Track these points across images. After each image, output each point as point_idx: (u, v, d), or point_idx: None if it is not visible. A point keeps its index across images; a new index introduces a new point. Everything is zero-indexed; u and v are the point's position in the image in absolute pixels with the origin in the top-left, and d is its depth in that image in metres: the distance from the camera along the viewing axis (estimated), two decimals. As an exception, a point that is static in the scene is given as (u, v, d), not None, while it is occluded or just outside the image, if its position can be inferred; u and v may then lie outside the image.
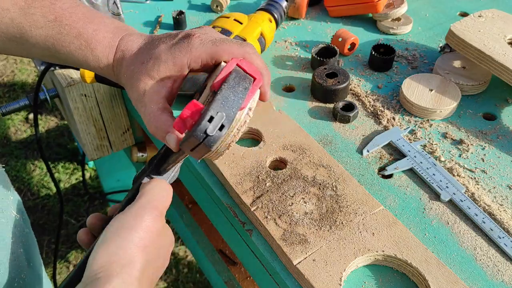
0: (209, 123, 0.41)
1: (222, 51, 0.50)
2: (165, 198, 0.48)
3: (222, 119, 0.42)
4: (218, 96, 0.43)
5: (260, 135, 0.68)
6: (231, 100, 0.43)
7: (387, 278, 0.54)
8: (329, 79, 0.76)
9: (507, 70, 0.72)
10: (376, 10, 0.92)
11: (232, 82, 0.44)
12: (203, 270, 1.17)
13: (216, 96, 0.43)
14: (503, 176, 0.66)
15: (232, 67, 0.46)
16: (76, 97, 0.82)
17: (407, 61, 0.87)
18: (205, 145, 0.42)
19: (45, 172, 1.83)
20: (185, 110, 0.43)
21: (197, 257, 1.18)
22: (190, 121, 0.43)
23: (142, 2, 1.01)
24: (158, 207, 0.46)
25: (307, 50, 0.89)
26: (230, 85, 0.44)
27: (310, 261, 0.53)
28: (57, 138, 1.95)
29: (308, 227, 0.56)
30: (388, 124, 0.73)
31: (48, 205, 1.72)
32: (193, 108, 0.43)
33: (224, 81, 0.44)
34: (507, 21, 0.81)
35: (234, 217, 0.61)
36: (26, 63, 2.33)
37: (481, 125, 0.74)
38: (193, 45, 0.50)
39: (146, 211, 0.45)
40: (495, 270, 0.55)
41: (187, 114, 0.43)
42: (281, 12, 0.88)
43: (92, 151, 0.94)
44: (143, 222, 0.44)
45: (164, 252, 0.47)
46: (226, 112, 0.42)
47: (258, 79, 0.47)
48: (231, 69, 0.46)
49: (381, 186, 0.65)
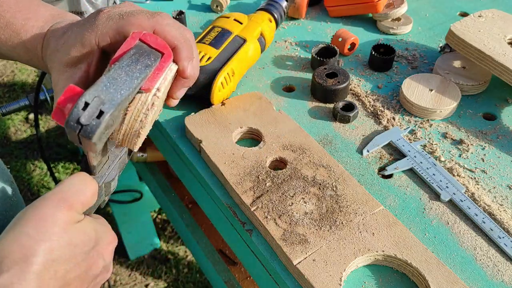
0: (82, 111, 0.35)
1: (129, 25, 0.44)
2: (81, 191, 0.42)
3: (100, 105, 0.35)
4: (102, 78, 0.37)
5: (260, 135, 0.68)
6: (121, 81, 0.37)
7: (387, 278, 0.54)
8: (329, 79, 0.76)
9: (507, 70, 0.72)
10: (376, 10, 0.92)
11: (128, 60, 0.39)
12: (203, 270, 1.17)
13: (101, 77, 0.37)
14: (503, 176, 0.66)
15: (134, 43, 0.40)
16: (76, 97, 0.82)
17: (407, 61, 0.87)
18: (84, 136, 0.35)
19: (45, 172, 1.83)
20: (61, 98, 0.37)
21: (197, 257, 1.18)
22: (69, 108, 0.37)
23: (142, 2, 1.01)
24: (67, 199, 0.41)
25: (307, 50, 0.89)
26: (123, 64, 0.38)
27: (310, 261, 0.53)
28: (57, 138, 1.95)
29: (308, 227, 0.56)
30: (388, 124, 0.73)
31: (48, 205, 1.72)
32: (68, 94, 0.37)
33: (117, 60, 0.39)
34: (507, 21, 0.81)
35: (234, 217, 0.61)
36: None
37: (481, 125, 0.74)
38: (100, 21, 0.45)
39: (48, 201, 0.40)
40: (495, 270, 0.55)
41: (62, 100, 0.37)
42: (281, 12, 0.88)
43: (92, 151, 0.94)
44: (42, 213, 0.39)
45: (81, 251, 0.41)
46: (107, 96, 0.36)
47: (167, 54, 0.41)
48: (131, 45, 0.40)
49: (381, 186, 0.65)
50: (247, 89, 0.79)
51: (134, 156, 1.02)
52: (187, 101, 0.76)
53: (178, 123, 0.73)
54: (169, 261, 1.54)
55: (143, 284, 1.50)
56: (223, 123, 0.69)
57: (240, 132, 0.70)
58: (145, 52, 0.40)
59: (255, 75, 0.83)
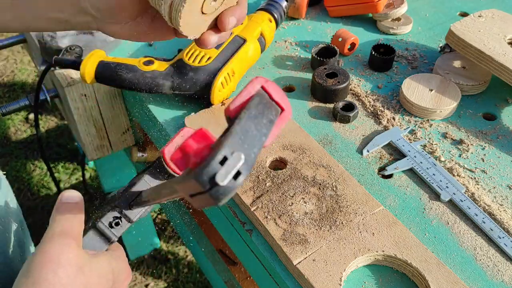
0: (220, 166, 0.29)
1: None
2: (81, 223, 0.43)
3: (237, 162, 0.29)
4: (236, 128, 0.31)
5: (260, 135, 0.68)
6: (251, 136, 0.31)
7: (387, 278, 0.54)
8: (329, 79, 0.76)
9: (507, 70, 0.72)
10: (376, 10, 0.92)
11: (255, 111, 0.33)
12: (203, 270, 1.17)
13: (234, 127, 0.31)
14: (503, 176, 0.66)
15: (256, 89, 0.35)
16: (76, 97, 0.82)
17: (407, 61, 0.87)
18: (211, 196, 0.29)
19: (45, 172, 1.83)
20: (190, 141, 0.32)
21: (197, 257, 1.18)
22: (194, 159, 0.31)
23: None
24: (72, 236, 0.41)
25: (307, 50, 0.89)
26: (251, 115, 0.32)
27: (310, 261, 0.53)
28: (57, 138, 1.95)
29: (308, 227, 0.56)
30: (388, 124, 0.73)
31: (48, 205, 1.72)
32: (200, 139, 0.32)
33: (244, 107, 0.33)
34: (507, 21, 0.81)
35: (234, 217, 0.61)
36: (26, 63, 2.33)
37: (481, 125, 0.74)
38: None
39: (55, 243, 0.40)
40: (495, 270, 0.55)
41: (192, 147, 0.31)
42: (281, 12, 0.88)
43: (92, 151, 0.94)
44: (55, 256, 0.39)
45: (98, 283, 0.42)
46: (244, 151, 0.30)
47: (287, 111, 0.36)
48: (254, 91, 0.35)
49: (381, 186, 0.65)
50: (247, 89, 0.79)
51: (134, 156, 1.02)
52: (187, 101, 0.76)
53: (178, 123, 0.73)
54: (169, 261, 1.54)
55: (143, 284, 1.50)
56: (223, 123, 0.69)
57: (240, 132, 0.70)
58: (267, 104, 0.35)
59: (255, 75, 0.83)
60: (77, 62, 0.72)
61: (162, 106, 0.76)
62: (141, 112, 0.81)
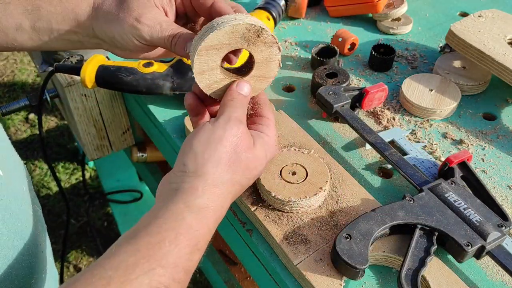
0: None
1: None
2: (244, 111, 0.50)
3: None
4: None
5: (260, 135, 0.68)
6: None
7: (387, 278, 0.54)
8: (329, 79, 0.76)
9: (507, 70, 0.72)
10: (376, 10, 0.92)
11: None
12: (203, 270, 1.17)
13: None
14: (503, 176, 0.66)
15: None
16: (76, 97, 0.82)
17: (407, 61, 0.87)
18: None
19: (45, 172, 1.83)
20: None
21: (197, 257, 1.18)
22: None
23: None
24: (242, 121, 0.48)
25: (307, 50, 0.89)
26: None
27: (310, 261, 0.53)
28: (57, 138, 1.95)
29: (308, 227, 0.56)
30: (388, 124, 0.73)
31: (48, 205, 1.72)
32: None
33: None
34: (507, 21, 0.81)
35: (234, 217, 0.61)
36: (26, 63, 2.33)
37: (481, 125, 0.74)
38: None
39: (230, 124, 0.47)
40: (495, 270, 0.55)
41: None
42: (279, 10, 0.88)
43: (92, 151, 0.94)
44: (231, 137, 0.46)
45: (257, 173, 0.49)
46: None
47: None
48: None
49: (381, 186, 0.65)
50: (247, 89, 0.79)
51: (134, 156, 1.02)
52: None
53: (178, 123, 0.73)
54: (169, 261, 1.54)
55: (143, 284, 1.50)
56: (223, 123, 0.69)
57: (240, 132, 0.70)
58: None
59: (255, 75, 0.83)
60: (77, 67, 0.72)
61: (162, 106, 0.76)
62: (141, 112, 0.81)
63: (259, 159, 0.48)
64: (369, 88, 0.71)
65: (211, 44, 0.46)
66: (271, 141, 0.51)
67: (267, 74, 0.51)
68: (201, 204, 0.43)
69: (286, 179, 0.58)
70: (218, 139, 0.45)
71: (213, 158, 0.45)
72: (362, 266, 0.49)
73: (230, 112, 0.48)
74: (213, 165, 0.45)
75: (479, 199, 0.57)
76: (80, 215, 1.68)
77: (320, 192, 0.57)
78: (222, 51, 0.48)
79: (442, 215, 0.55)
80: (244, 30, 0.47)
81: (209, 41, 0.46)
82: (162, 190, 0.46)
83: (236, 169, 0.46)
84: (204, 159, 0.45)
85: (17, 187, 0.56)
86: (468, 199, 0.57)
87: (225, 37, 0.46)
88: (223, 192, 0.45)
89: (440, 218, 0.54)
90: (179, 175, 0.45)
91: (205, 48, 0.46)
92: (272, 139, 0.51)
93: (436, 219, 0.54)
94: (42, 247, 0.62)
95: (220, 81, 0.50)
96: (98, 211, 1.69)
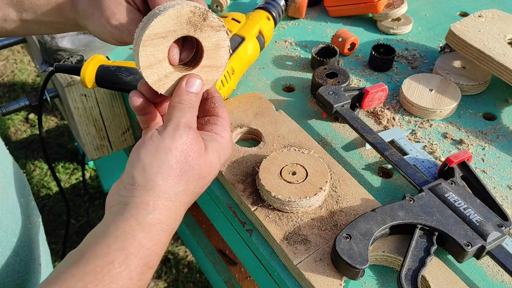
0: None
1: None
2: (195, 113, 0.47)
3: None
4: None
5: (260, 135, 0.68)
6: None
7: (387, 278, 0.54)
8: (329, 79, 0.76)
9: (507, 70, 0.72)
10: (376, 10, 0.92)
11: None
12: (203, 270, 1.17)
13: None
14: (503, 176, 0.66)
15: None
16: (76, 97, 0.82)
17: (407, 61, 0.87)
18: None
19: (45, 172, 1.83)
20: None
21: (197, 257, 1.18)
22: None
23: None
24: (192, 126, 0.45)
25: (307, 50, 0.89)
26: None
27: (310, 261, 0.53)
28: (57, 138, 1.95)
29: (308, 227, 0.56)
30: (388, 124, 0.73)
31: (48, 205, 1.72)
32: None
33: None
34: (507, 21, 0.81)
35: (234, 217, 0.61)
36: (26, 63, 2.33)
37: (481, 125, 0.74)
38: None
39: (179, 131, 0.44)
40: (495, 270, 0.55)
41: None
42: (279, 10, 0.88)
43: (92, 151, 0.94)
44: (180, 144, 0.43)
45: (210, 179, 0.47)
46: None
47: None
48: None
49: (381, 186, 0.65)
50: (247, 89, 0.79)
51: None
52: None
53: (178, 123, 0.73)
54: (169, 261, 1.54)
55: (143, 284, 1.50)
56: (223, 123, 0.69)
57: (240, 132, 0.70)
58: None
59: (255, 75, 0.83)
60: (77, 67, 0.72)
61: (162, 106, 0.76)
62: (141, 112, 0.81)
63: (211, 164, 0.46)
64: (369, 88, 0.71)
65: (156, 31, 0.43)
66: (225, 142, 0.48)
67: (217, 63, 0.48)
68: (153, 220, 0.41)
69: (286, 179, 0.58)
70: (167, 149, 0.42)
71: (163, 170, 0.42)
72: (362, 266, 0.49)
73: (179, 118, 0.44)
74: (163, 177, 0.42)
75: (479, 199, 0.57)
76: (80, 215, 1.68)
77: (320, 192, 0.57)
78: (169, 40, 0.45)
79: (442, 215, 0.55)
80: (189, 14, 0.44)
81: (154, 28, 0.43)
82: (112, 202, 0.43)
83: (188, 179, 0.44)
84: (153, 171, 0.42)
85: (14, 201, 0.56)
86: (468, 199, 0.57)
87: (170, 23, 0.43)
88: (176, 204, 0.43)
89: (440, 218, 0.54)
90: (128, 188, 0.42)
91: (150, 37, 0.43)
92: (227, 140, 0.48)
93: (436, 219, 0.54)
94: (40, 260, 0.61)
95: (170, 75, 0.47)
96: (98, 211, 1.69)
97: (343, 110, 0.70)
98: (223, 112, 0.50)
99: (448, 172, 0.62)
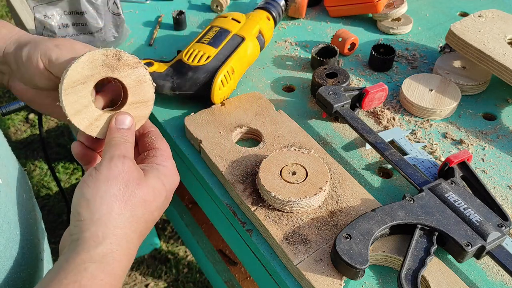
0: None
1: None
2: (129, 145, 0.48)
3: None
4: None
5: (260, 135, 0.68)
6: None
7: (387, 278, 0.54)
8: (329, 79, 0.76)
9: (507, 70, 0.72)
10: (376, 10, 0.92)
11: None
12: (203, 270, 1.17)
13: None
14: (503, 176, 0.66)
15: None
16: (76, 97, 0.82)
17: (407, 61, 0.87)
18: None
19: (45, 172, 1.83)
20: None
21: (197, 257, 1.18)
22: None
23: (142, 2, 1.01)
24: (127, 156, 0.46)
25: (307, 50, 0.89)
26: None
27: (310, 261, 0.53)
28: (57, 138, 1.95)
29: (308, 227, 0.56)
30: (388, 124, 0.73)
31: (48, 205, 1.72)
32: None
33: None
34: (507, 21, 0.81)
35: (234, 217, 0.61)
36: (26, 63, 2.33)
37: (481, 125, 0.74)
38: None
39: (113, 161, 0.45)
40: (495, 270, 0.55)
41: None
42: (279, 10, 0.88)
43: (92, 151, 0.94)
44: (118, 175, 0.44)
45: (156, 207, 0.47)
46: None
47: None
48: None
49: (381, 186, 0.65)
50: (247, 89, 0.79)
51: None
52: (187, 101, 0.76)
53: (178, 123, 0.73)
54: (169, 261, 1.54)
55: (143, 284, 1.50)
56: (223, 123, 0.69)
57: (240, 132, 0.70)
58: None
59: (255, 75, 0.83)
60: None
61: (162, 106, 0.76)
62: (141, 112, 0.81)
63: (154, 190, 0.46)
64: (369, 88, 0.71)
65: (74, 79, 0.45)
66: (167, 170, 0.49)
67: (144, 98, 0.50)
68: (104, 251, 0.41)
69: (286, 179, 0.58)
70: (105, 179, 0.43)
71: (106, 199, 0.43)
72: (362, 266, 0.49)
73: (112, 151, 0.46)
74: (108, 206, 0.43)
75: (479, 199, 0.57)
76: (80, 215, 1.68)
77: (320, 192, 0.57)
78: (89, 84, 0.46)
79: (442, 215, 0.55)
80: (102, 57, 0.46)
81: (71, 76, 0.45)
82: (64, 244, 0.44)
83: (134, 204, 0.44)
84: (96, 202, 0.43)
85: (16, 195, 0.56)
86: (468, 199, 0.57)
87: (85, 68, 0.45)
88: (126, 232, 0.43)
89: (440, 218, 0.54)
90: (77, 224, 0.43)
91: (70, 84, 0.45)
92: (169, 168, 0.49)
93: (436, 219, 0.54)
94: (42, 255, 0.61)
95: (100, 117, 0.48)
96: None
97: (343, 110, 0.70)
98: (162, 144, 0.51)
99: (448, 172, 0.62)
